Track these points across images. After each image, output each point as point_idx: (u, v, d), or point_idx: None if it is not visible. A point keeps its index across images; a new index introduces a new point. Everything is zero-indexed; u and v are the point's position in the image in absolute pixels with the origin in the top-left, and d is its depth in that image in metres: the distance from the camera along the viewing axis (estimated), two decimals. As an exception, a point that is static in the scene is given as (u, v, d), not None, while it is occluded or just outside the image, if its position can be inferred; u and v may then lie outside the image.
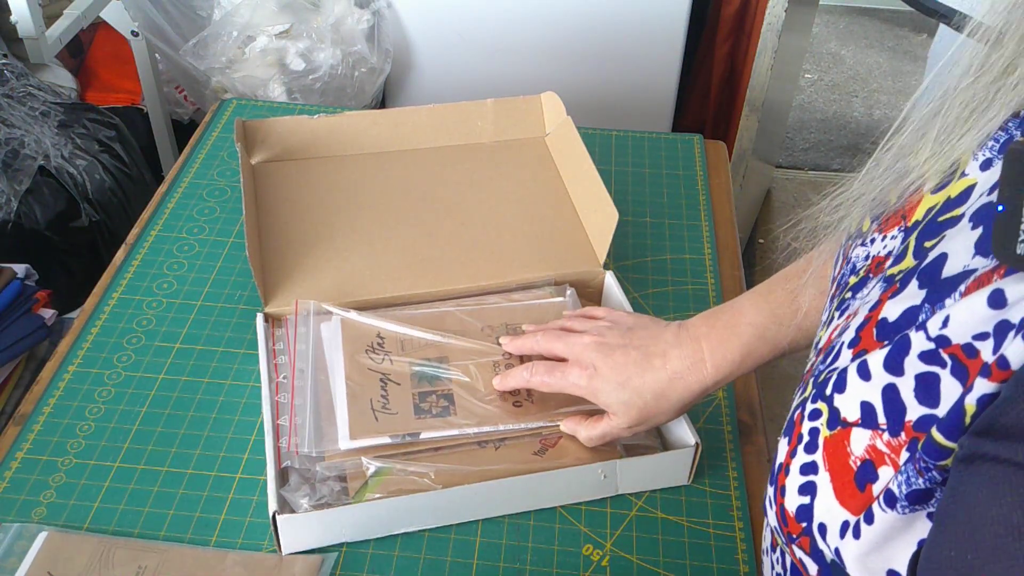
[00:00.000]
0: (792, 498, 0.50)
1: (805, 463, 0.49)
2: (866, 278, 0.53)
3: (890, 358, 0.45)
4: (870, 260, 0.54)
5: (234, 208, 1.11)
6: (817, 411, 0.49)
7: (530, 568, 0.76)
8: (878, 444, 0.45)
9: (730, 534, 0.79)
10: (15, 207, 1.44)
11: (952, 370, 0.42)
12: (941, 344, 0.42)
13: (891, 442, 0.44)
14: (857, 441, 0.46)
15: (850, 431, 0.46)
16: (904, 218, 0.52)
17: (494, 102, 1.13)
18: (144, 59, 1.88)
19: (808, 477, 0.49)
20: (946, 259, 0.46)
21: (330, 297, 0.92)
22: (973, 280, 0.43)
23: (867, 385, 0.46)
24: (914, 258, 0.49)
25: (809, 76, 3.08)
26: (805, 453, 0.49)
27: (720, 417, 0.89)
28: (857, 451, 0.46)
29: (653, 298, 1.01)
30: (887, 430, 0.44)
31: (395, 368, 0.83)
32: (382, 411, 0.79)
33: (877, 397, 0.45)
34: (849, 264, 0.57)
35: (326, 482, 0.77)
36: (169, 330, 0.96)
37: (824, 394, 0.49)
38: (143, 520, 0.78)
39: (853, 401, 0.46)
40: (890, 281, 0.49)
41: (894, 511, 0.43)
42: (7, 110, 1.55)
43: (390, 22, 1.98)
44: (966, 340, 0.41)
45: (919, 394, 0.43)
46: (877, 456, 0.45)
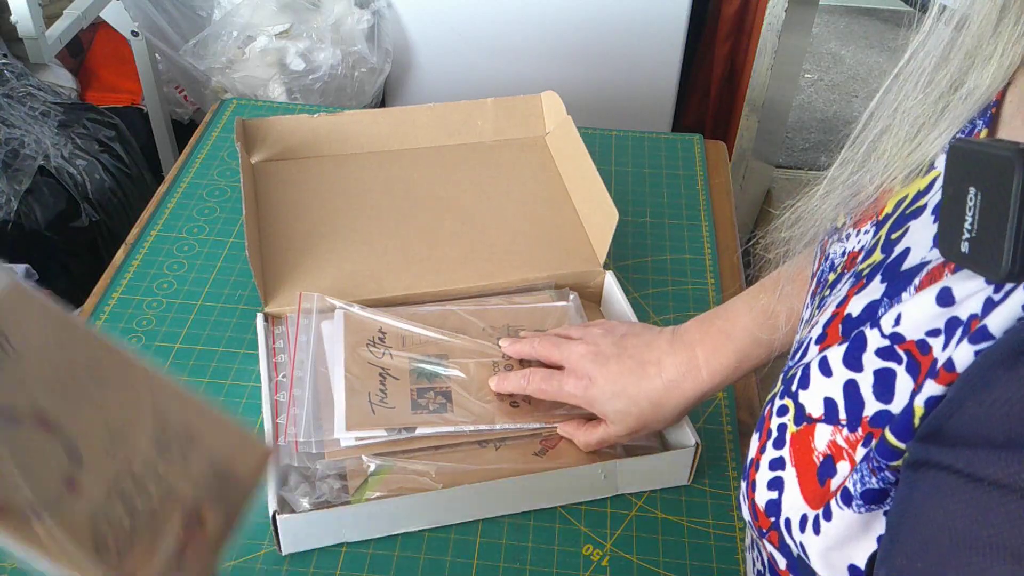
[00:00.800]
0: (761, 493, 0.51)
1: (774, 459, 0.50)
2: (842, 274, 0.54)
3: (848, 354, 0.45)
4: (846, 256, 0.54)
5: (234, 208, 1.11)
6: (784, 407, 0.50)
7: (530, 568, 0.76)
8: (838, 439, 0.45)
9: (730, 534, 0.79)
10: (15, 207, 1.44)
11: (907, 366, 0.42)
12: (896, 340, 0.43)
13: (849, 437, 0.45)
14: (820, 436, 0.47)
15: (815, 427, 0.47)
16: (876, 212, 0.53)
17: (494, 102, 1.13)
18: (144, 59, 1.88)
19: (776, 472, 0.50)
20: (908, 253, 0.46)
21: (330, 296, 0.92)
22: (926, 274, 0.43)
23: (829, 381, 0.46)
24: (882, 252, 0.49)
25: (809, 76, 3.08)
26: (774, 448, 0.50)
27: (720, 417, 0.89)
28: (820, 446, 0.47)
29: (653, 298, 1.01)
30: (846, 425, 0.45)
31: (395, 363, 0.83)
32: (379, 404, 0.79)
33: (839, 393, 0.46)
34: (828, 261, 0.57)
35: (326, 480, 0.77)
36: (169, 330, 0.96)
37: (791, 390, 0.49)
38: (143, 520, 0.78)
39: (816, 397, 0.47)
40: (858, 276, 0.50)
41: (850, 509, 0.44)
42: (7, 110, 1.55)
43: (390, 22, 1.98)
44: (919, 336, 0.42)
45: (876, 390, 0.44)
46: (837, 451, 0.45)
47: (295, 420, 0.80)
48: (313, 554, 0.76)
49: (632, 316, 0.91)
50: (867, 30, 3.32)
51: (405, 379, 0.82)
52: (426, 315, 0.90)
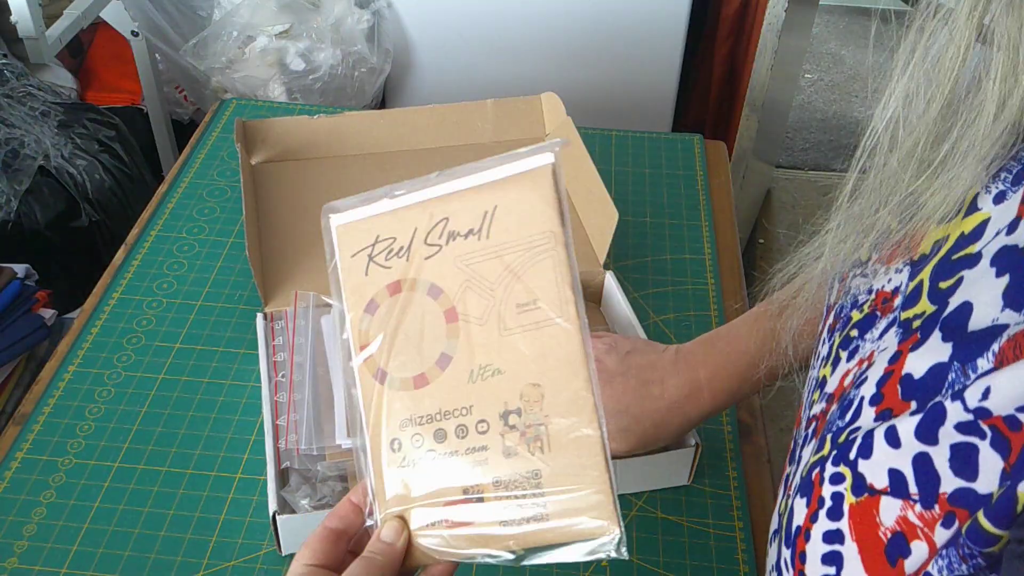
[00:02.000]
0: (814, 567, 0.47)
1: (828, 530, 0.46)
2: (872, 315, 0.50)
3: (922, 426, 0.42)
4: (874, 294, 0.51)
5: (234, 208, 1.11)
6: (840, 475, 0.46)
7: (530, 568, 0.76)
8: (910, 516, 0.42)
9: (730, 534, 0.79)
10: (15, 207, 1.44)
11: (992, 441, 0.39)
12: (980, 416, 0.40)
13: (924, 514, 0.41)
14: (887, 511, 0.43)
15: (879, 499, 0.43)
16: (909, 250, 0.49)
17: (494, 102, 1.13)
18: (144, 59, 1.88)
19: (833, 546, 0.46)
20: (971, 309, 0.42)
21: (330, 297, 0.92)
22: (1008, 339, 0.40)
23: (896, 452, 0.43)
24: (931, 302, 0.45)
25: (809, 76, 3.08)
26: (828, 519, 0.46)
27: (720, 417, 0.89)
28: (887, 522, 0.43)
29: (653, 298, 1.01)
30: (919, 501, 0.42)
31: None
32: None
33: (907, 466, 0.42)
34: (849, 296, 0.54)
35: (327, 482, 0.77)
36: (169, 330, 0.96)
37: (848, 458, 0.45)
38: (143, 520, 0.78)
39: (880, 468, 0.43)
40: (907, 328, 0.46)
41: None
42: (7, 110, 1.55)
43: (390, 22, 1.98)
44: (1008, 412, 0.39)
45: (954, 465, 0.40)
46: (909, 529, 0.42)
47: (296, 426, 0.80)
48: (313, 554, 0.76)
49: (632, 316, 0.91)
50: (867, 30, 3.32)
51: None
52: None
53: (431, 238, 0.54)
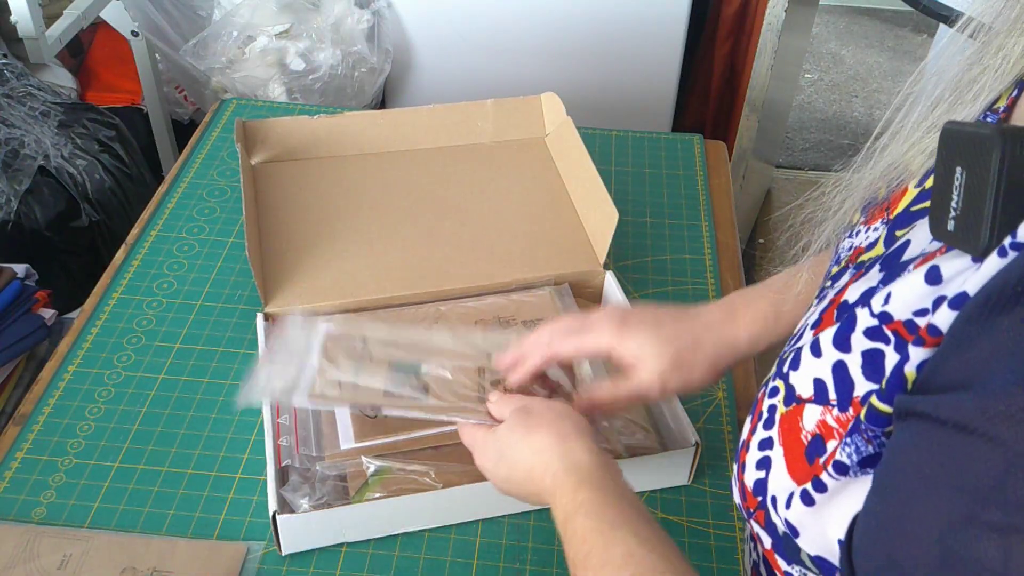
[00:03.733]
0: (750, 473, 0.51)
1: (763, 439, 0.51)
2: (845, 268, 0.54)
3: (838, 334, 0.46)
4: (852, 251, 0.55)
5: (234, 208, 1.11)
6: (776, 389, 0.51)
7: (530, 568, 0.76)
8: (828, 419, 0.46)
9: (730, 534, 0.79)
10: (15, 207, 1.44)
11: (896, 346, 0.43)
12: (884, 320, 0.44)
13: (839, 417, 0.46)
14: (809, 417, 0.47)
15: (803, 407, 0.48)
16: (888, 211, 0.53)
17: (494, 102, 1.13)
18: (144, 59, 1.88)
19: (764, 452, 0.50)
20: (908, 245, 0.47)
21: (330, 297, 0.92)
22: (921, 259, 0.44)
23: (819, 362, 0.47)
24: (884, 245, 0.50)
25: (809, 76, 3.08)
26: (763, 429, 0.51)
27: (720, 417, 0.89)
28: (808, 426, 0.47)
29: (653, 298, 1.01)
30: (836, 405, 0.46)
31: (373, 364, 0.76)
32: (350, 387, 0.73)
33: (828, 373, 0.46)
34: (836, 256, 0.57)
35: (326, 482, 0.77)
36: (169, 330, 0.96)
37: (782, 371, 0.50)
38: (143, 520, 0.78)
39: (806, 378, 0.48)
40: (859, 267, 0.51)
41: (847, 477, 0.45)
42: (7, 110, 1.55)
43: (390, 22, 1.98)
44: (907, 316, 0.43)
45: (865, 371, 0.44)
46: (827, 431, 0.46)
47: (297, 428, 0.81)
48: (313, 554, 0.76)
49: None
50: (867, 30, 3.32)
51: (382, 371, 0.75)
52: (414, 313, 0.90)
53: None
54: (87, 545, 0.75)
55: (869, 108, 2.93)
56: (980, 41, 0.48)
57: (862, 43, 3.26)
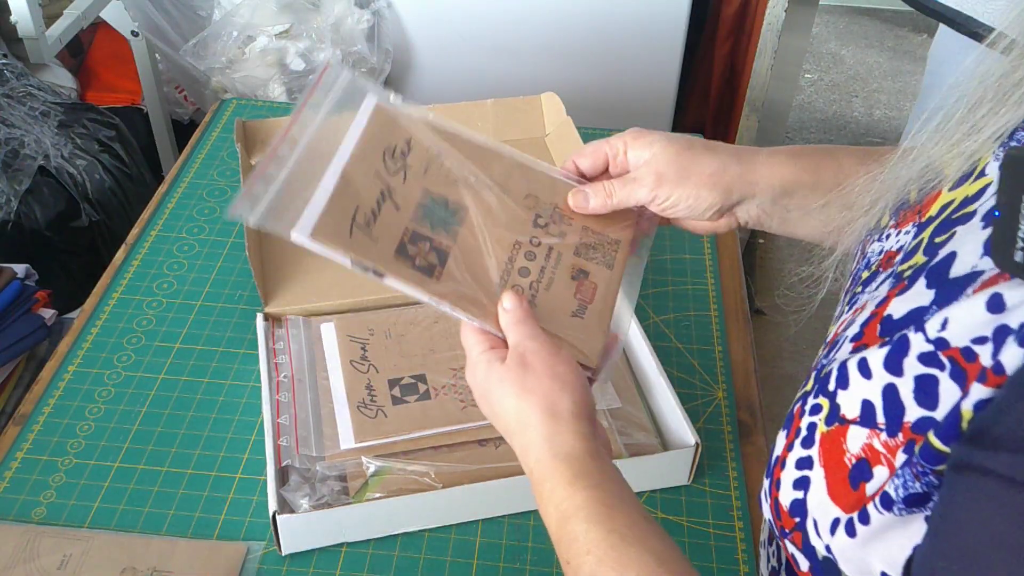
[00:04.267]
0: (786, 492, 0.49)
1: (801, 458, 0.49)
2: (877, 272, 0.53)
3: (890, 358, 0.44)
4: (883, 255, 0.53)
5: (234, 208, 1.11)
6: (818, 406, 0.48)
7: (530, 568, 0.76)
8: (875, 443, 0.44)
9: (730, 534, 0.79)
10: (15, 207, 1.44)
11: (951, 373, 0.41)
12: (940, 347, 0.42)
13: (888, 442, 0.44)
14: (854, 439, 0.45)
15: (847, 428, 0.46)
16: (919, 214, 0.52)
17: (494, 102, 1.13)
18: (144, 59, 1.88)
19: (803, 472, 0.48)
20: (955, 258, 0.45)
21: (330, 297, 0.92)
22: (980, 283, 0.42)
23: (868, 383, 0.45)
24: (924, 255, 0.48)
25: (809, 76, 3.08)
26: (802, 447, 0.49)
27: (720, 417, 0.89)
28: (853, 449, 0.45)
29: (653, 298, 1.01)
30: (885, 430, 0.44)
31: (405, 189, 0.65)
32: (362, 227, 0.62)
33: (877, 396, 0.45)
34: (865, 259, 0.56)
35: (326, 482, 0.77)
36: (169, 330, 0.96)
37: (827, 389, 0.48)
38: (143, 520, 0.78)
39: (854, 398, 0.46)
40: (899, 278, 0.49)
41: (891, 513, 0.43)
42: (7, 110, 1.55)
43: (390, 22, 1.98)
44: (964, 344, 0.41)
45: (918, 396, 0.43)
46: (873, 455, 0.44)
47: (298, 427, 0.81)
48: (313, 554, 0.76)
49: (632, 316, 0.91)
50: (867, 30, 3.32)
51: (407, 213, 0.64)
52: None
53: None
54: (87, 545, 0.75)
55: (869, 108, 2.93)
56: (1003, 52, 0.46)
57: (862, 43, 3.26)
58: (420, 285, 0.62)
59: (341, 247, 0.61)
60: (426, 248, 0.63)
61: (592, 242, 0.68)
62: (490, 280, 0.64)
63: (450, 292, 0.62)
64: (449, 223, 0.65)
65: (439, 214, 0.65)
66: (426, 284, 0.62)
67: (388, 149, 0.66)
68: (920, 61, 3.10)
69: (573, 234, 0.68)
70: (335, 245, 0.61)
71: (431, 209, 0.65)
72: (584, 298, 0.66)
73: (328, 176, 0.63)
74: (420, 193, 0.65)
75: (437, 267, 0.63)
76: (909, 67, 3.12)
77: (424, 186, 0.66)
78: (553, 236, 0.67)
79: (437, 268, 0.63)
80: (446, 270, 0.63)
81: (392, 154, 0.66)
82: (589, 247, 0.68)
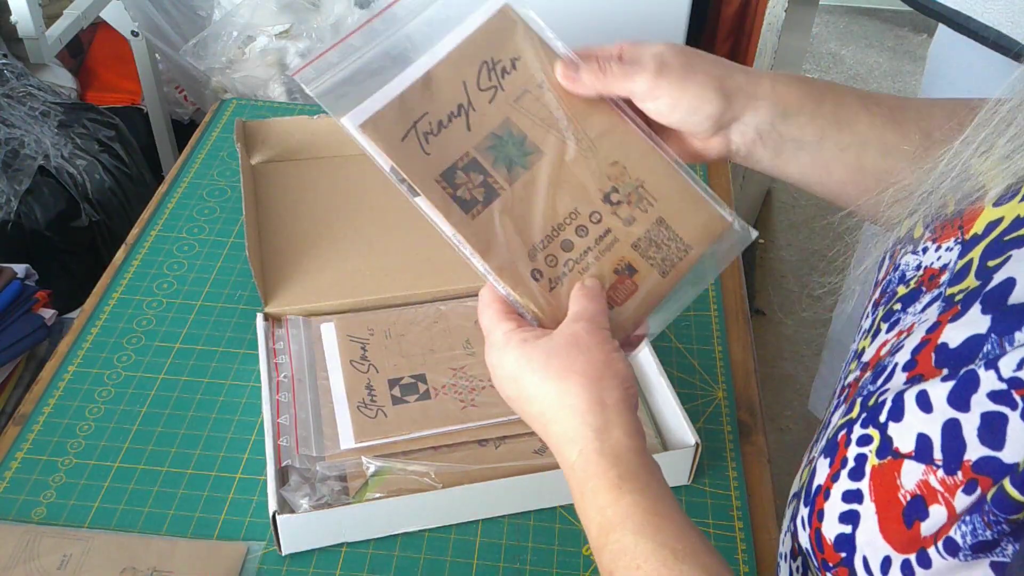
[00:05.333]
0: (831, 525, 0.47)
1: (848, 490, 0.46)
2: (918, 291, 0.50)
3: (955, 393, 0.42)
4: (922, 271, 0.51)
5: (234, 208, 1.11)
6: (868, 437, 0.46)
7: (530, 568, 0.76)
8: (931, 480, 0.42)
9: (730, 534, 0.79)
10: (15, 207, 1.44)
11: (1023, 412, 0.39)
12: (1014, 385, 0.40)
13: (945, 480, 0.41)
14: (908, 474, 0.43)
15: (902, 463, 0.43)
16: (961, 229, 0.49)
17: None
18: (144, 59, 1.88)
19: (851, 505, 0.46)
20: (1014, 285, 0.43)
21: (330, 297, 0.92)
22: None
23: (927, 417, 0.43)
24: (976, 278, 0.45)
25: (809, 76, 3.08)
26: (849, 479, 0.46)
27: (720, 417, 0.89)
28: (907, 485, 0.43)
29: (653, 298, 1.01)
30: (942, 467, 0.42)
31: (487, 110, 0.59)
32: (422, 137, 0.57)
33: (936, 431, 0.42)
34: (897, 271, 0.53)
35: (326, 482, 0.77)
36: (169, 330, 0.96)
37: (877, 420, 0.45)
38: (143, 520, 0.78)
39: (909, 432, 0.43)
40: (949, 302, 0.46)
41: (955, 559, 0.41)
42: (7, 110, 1.55)
43: (390, 22, 1.98)
44: None
45: (982, 434, 0.40)
46: (929, 493, 0.42)
47: (298, 427, 0.81)
48: (313, 554, 0.76)
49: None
50: (867, 30, 3.32)
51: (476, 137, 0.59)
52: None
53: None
54: (87, 545, 0.75)
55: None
56: None
57: (862, 43, 3.26)
58: (449, 216, 0.57)
59: (386, 149, 0.56)
60: (477, 181, 0.57)
61: (660, 238, 0.59)
62: (528, 239, 0.57)
63: (477, 235, 0.56)
64: (515, 163, 0.58)
65: (509, 150, 0.58)
66: (456, 217, 0.57)
67: (490, 61, 0.59)
68: (920, 61, 3.10)
69: (642, 223, 0.59)
70: (381, 145, 0.56)
71: (503, 141, 0.58)
72: (615, 298, 0.58)
73: (411, 70, 0.58)
74: (500, 120, 0.59)
75: (479, 205, 0.57)
76: (909, 67, 3.12)
77: (508, 114, 0.59)
78: (618, 218, 0.59)
79: (478, 206, 0.57)
80: (487, 212, 0.57)
81: (492, 68, 0.59)
82: (653, 243, 0.59)
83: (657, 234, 0.59)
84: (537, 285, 0.56)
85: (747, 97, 0.60)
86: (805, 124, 0.61)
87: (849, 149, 0.61)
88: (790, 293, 2.22)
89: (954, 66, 1.21)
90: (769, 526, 0.80)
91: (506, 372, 0.55)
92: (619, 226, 0.58)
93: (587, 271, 0.57)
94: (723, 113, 0.60)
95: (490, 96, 0.59)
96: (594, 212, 0.58)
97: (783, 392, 1.97)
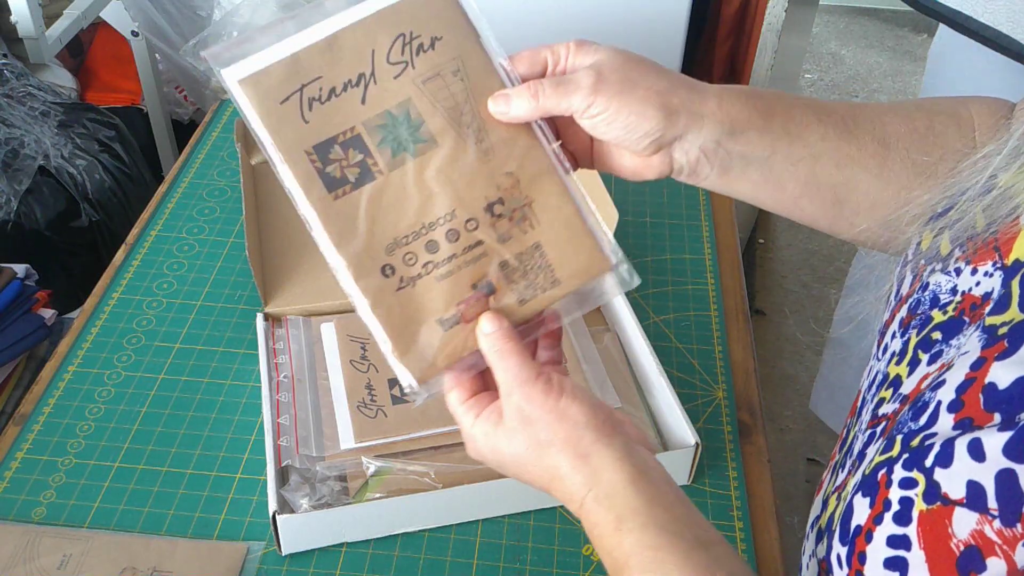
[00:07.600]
0: (875, 569, 0.45)
1: (894, 535, 0.44)
2: (959, 321, 0.48)
3: (1012, 444, 0.40)
4: (960, 297, 0.49)
5: (234, 208, 1.11)
6: (912, 480, 0.44)
7: (530, 568, 0.76)
8: (987, 531, 0.40)
9: (730, 534, 0.79)
10: (15, 207, 1.44)
11: None
12: None
13: (1003, 531, 0.40)
14: (961, 523, 0.41)
15: (953, 510, 0.42)
16: (999, 251, 0.47)
17: (494, 102, 1.12)
18: (144, 59, 1.88)
19: (898, 551, 0.44)
20: None
21: (330, 297, 0.92)
22: None
23: (979, 466, 0.41)
24: (1021, 310, 0.44)
25: (809, 76, 3.08)
26: (894, 524, 0.44)
27: (720, 417, 0.89)
28: (960, 534, 0.41)
29: (653, 298, 1.01)
30: (998, 517, 0.40)
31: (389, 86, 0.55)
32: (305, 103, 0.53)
33: (990, 480, 0.41)
34: (927, 291, 0.51)
35: (326, 482, 0.77)
36: (169, 330, 0.96)
37: (922, 464, 0.44)
38: (143, 520, 0.78)
39: (959, 479, 0.42)
40: (992, 334, 0.44)
41: None
42: (7, 110, 1.55)
43: (390, 22, 1.98)
44: None
45: None
46: (985, 544, 0.40)
47: (298, 427, 0.81)
48: (313, 554, 0.76)
49: (632, 316, 0.91)
50: (867, 30, 3.32)
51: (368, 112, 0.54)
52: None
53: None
54: (87, 545, 0.75)
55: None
56: None
57: (862, 43, 3.26)
58: (309, 192, 0.52)
59: (260, 110, 0.52)
60: (355, 159, 0.53)
61: (530, 265, 0.54)
62: (392, 231, 0.53)
63: (334, 218, 0.52)
64: (403, 147, 0.53)
65: (401, 132, 0.53)
66: (316, 195, 0.52)
67: (407, 35, 0.54)
68: (920, 61, 3.10)
69: (517, 244, 0.54)
70: (255, 103, 0.51)
71: (397, 122, 0.53)
72: (466, 314, 0.53)
73: (315, 28, 0.53)
74: (401, 99, 0.54)
75: (347, 186, 0.52)
76: (909, 67, 3.12)
77: (411, 94, 0.54)
78: (494, 232, 0.54)
79: (346, 187, 0.52)
80: (354, 194, 0.52)
81: (408, 43, 0.54)
82: (521, 268, 0.54)
83: (529, 260, 0.54)
84: (384, 281, 0.52)
85: (690, 115, 0.57)
86: (754, 140, 0.59)
87: (801, 162, 0.59)
88: (790, 293, 2.22)
89: (954, 66, 1.21)
90: (769, 526, 0.80)
91: (493, 461, 0.56)
92: (492, 241, 0.54)
93: (445, 278, 0.53)
94: (664, 132, 0.57)
95: (397, 71, 0.53)
96: (471, 219, 0.54)
97: (783, 392, 1.97)
